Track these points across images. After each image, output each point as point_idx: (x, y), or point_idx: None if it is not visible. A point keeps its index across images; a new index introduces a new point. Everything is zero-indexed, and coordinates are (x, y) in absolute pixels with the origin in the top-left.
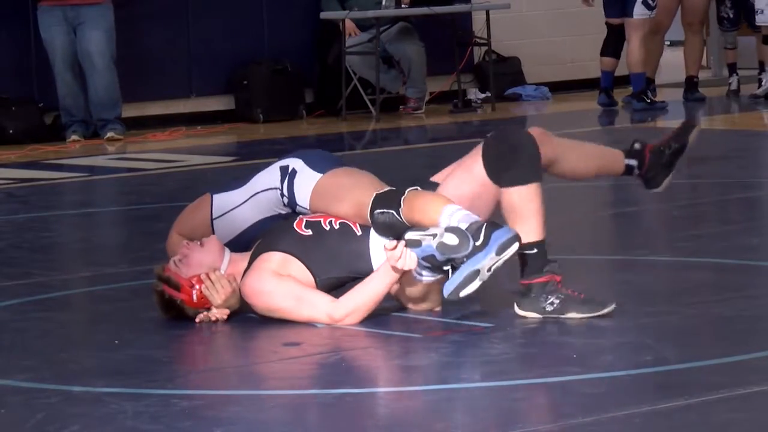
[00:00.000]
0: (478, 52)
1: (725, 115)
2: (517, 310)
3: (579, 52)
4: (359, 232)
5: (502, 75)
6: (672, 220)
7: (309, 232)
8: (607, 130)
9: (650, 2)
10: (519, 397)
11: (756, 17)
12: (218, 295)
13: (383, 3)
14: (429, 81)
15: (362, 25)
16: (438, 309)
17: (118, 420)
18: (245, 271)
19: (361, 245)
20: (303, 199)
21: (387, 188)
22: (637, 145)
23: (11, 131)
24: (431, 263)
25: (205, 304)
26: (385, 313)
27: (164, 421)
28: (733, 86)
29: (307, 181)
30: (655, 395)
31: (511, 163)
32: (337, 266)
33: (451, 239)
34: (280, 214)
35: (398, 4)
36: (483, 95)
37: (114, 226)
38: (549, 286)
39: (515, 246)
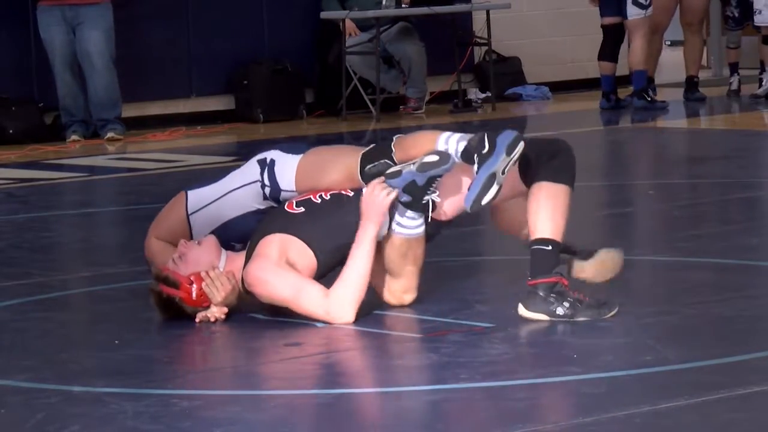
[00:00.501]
0: (479, 52)
1: (726, 114)
2: (523, 312)
3: (579, 52)
4: (351, 194)
5: (503, 75)
6: (672, 220)
7: (301, 209)
8: (608, 130)
9: (642, 1)
10: (519, 398)
11: (755, 17)
12: (218, 292)
13: (383, 3)
14: (429, 81)
15: (362, 25)
16: (411, 298)
17: (118, 420)
18: (245, 264)
19: (355, 205)
20: (288, 183)
21: (370, 147)
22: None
23: (11, 131)
24: (412, 193)
25: (204, 302)
26: (385, 314)
27: (164, 421)
28: (734, 86)
29: (288, 165)
30: (656, 395)
31: (548, 160)
32: (335, 235)
33: (431, 157)
34: (258, 209)
35: (398, 4)
36: (483, 95)
37: (114, 226)
38: (557, 288)
39: (522, 144)
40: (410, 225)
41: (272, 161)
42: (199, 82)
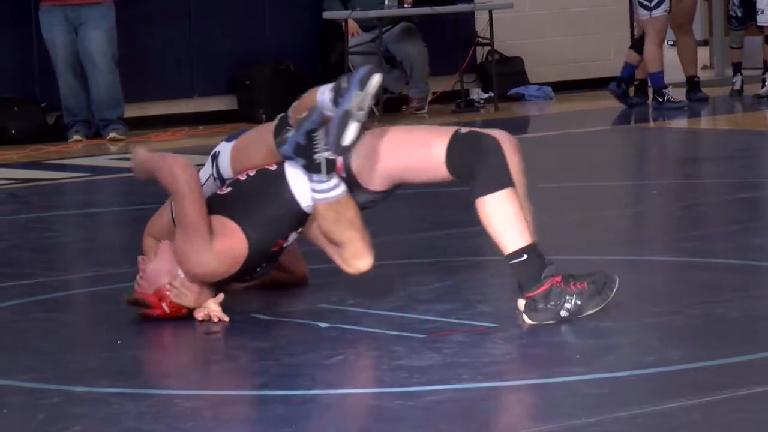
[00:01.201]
0: (481, 52)
1: (728, 115)
2: (528, 321)
3: (582, 52)
4: (274, 167)
5: (505, 75)
6: (676, 220)
7: (229, 189)
8: (610, 130)
9: (645, 3)
10: (522, 398)
11: (757, 17)
12: (188, 298)
13: (386, 3)
14: (432, 81)
15: (365, 25)
16: (366, 263)
17: (120, 420)
18: None
19: (279, 177)
20: (226, 170)
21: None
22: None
23: (13, 131)
24: (303, 155)
25: (181, 311)
26: (388, 314)
27: (167, 421)
28: (737, 86)
29: (226, 152)
30: (659, 395)
31: (477, 171)
32: (261, 207)
33: (303, 114)
34: None
35: (401, 4)
36: (486, 95)
37: (116, 226)
38: (554, 291)
39: (377, 76)
40: (323, 188)
41: (217, 153)
42: (201, 82)
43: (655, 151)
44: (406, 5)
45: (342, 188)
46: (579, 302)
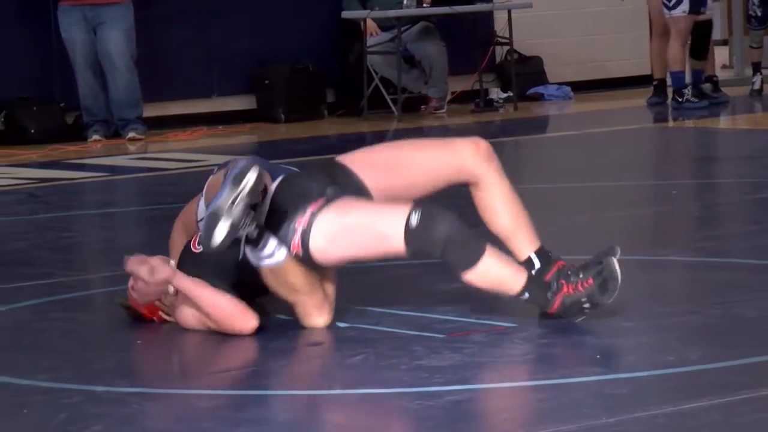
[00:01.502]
0: (500, 52)
1: (748, 114)
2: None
3: (601, 52)
4: None
5: (524, 74)
6: (694, 220)
7: (200, 248)
8: (629, 130)
9: (666, 2)
10: (541, 398)
11: None
12: (178, 317)
13: (404, 2)
14: (451, 80)
15: (383, 24)
16: (319, 322)
17: (140, 420)
18: None
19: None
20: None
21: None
22: (551, 254)
23: (32, 131)
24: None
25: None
26: (407, 314)
27: (186, 421)
28: (756, 86)
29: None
30: (679, 396)
31: (447, 256)
32: (226, 273)
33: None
34: None
35: (419, 4)
36: (505, 95)
37: (135, 226)
38: (566, 303)
39: (253, 174)
40: (260, 255)
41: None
42: (220, 81)
43: (674, 150)
44: (425, 5)
45: (281, 257)
46: (593, 296)
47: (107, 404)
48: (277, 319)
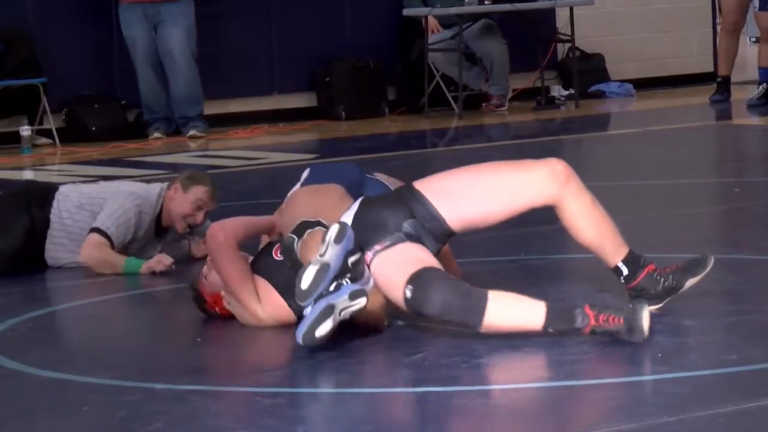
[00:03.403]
0: (562, 49)
1: None
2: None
3: (663, 49)
4: None
5: (586, 72)
6: (758, 218)
7: (281, 258)
8: (691, 128)
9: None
10: (603, 396)
11: None
12: (238, 312)
13: (466, 0)
14: (512, 78)
15: (445, 22)
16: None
17: (200, 418)
18: None
19: None
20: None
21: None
22: (642, 260)
23: (94, 129)
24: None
25: (231, 315)
26: None
27: (247, 419)
28: None
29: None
30: (740, 395)
31: (452, 322)
32: (291, 291)
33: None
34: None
35: (481, 1)
36: (566, 92)
37: None
38: (598, 330)
39: (363, 300)
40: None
41: None
42: (281, 79)
43: (737, 148)
44: (486, 2)
45: (367, 286)
46: (677, 278)
47: (167, 402)
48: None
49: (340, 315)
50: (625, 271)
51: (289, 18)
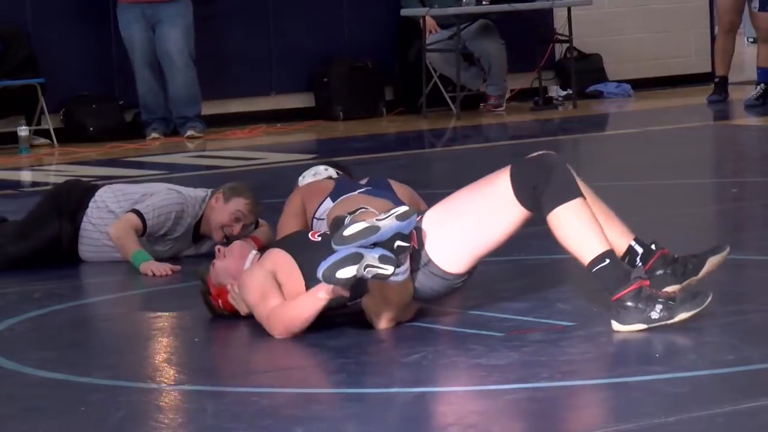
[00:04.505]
0: (560, 49)
1: None
2: (618, 327)
3: (662, 49)
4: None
5: (584, 72)
6: (755, 218)
7: (319, 239)
8: (688, 128)
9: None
10: (600, 397)
11: None
12: (241, 307)
13: (463, 0)
14: (510, 78)
15: (443, 22)
16: (380, 325)
17: (198, 418)
18: None
19: None
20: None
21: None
22: (653, 246)
23: (91, 129)
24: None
25: (233, 311)
26: (466, 312)
27: (244, 419)
28: None
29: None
30: (739, 395)
31: (544, 187)
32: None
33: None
34: None
35: (479, 1)
36: (564, 92)
37: None
38: (644, 293)
39: (390, 268)
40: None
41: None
42: (279, 79)
43: (735, 148)
44: (484, 2)
45: (401, 276)
46: (669, 308)
47: (165, 402)
48: (334, 319)
49: (364, 270)
50: (640, 250)
51: (287, 18)
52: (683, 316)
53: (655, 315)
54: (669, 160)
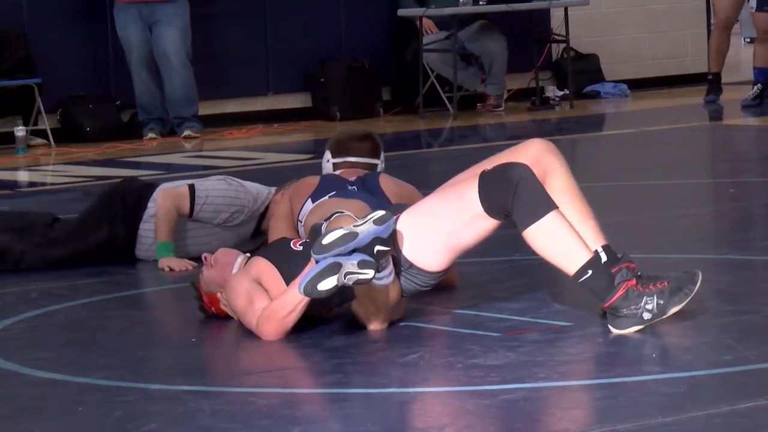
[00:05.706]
0: (557, 49)
1: None
2: (616, 331)
3: (658, 49)
4: None
5: (581, 72)
6: (752, 218)
7: (301, 249)
8: (685, 128)
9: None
10: (597, 397)
11: None
12: (233, 312)
13: (461, 0)
14: (507, 78)
15: (439, 22)
16: (372, 327)
17: (195, 418)
18: None
19: None
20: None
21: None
22: (620, 256)
23: (88, 129)
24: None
25: (228, 317)
26: (463, 312)
27: (241, 419)
28: None
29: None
30: (736, 395)
31: (513, 205)
32: None
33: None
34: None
35: (476, 2)
36: (561, 93)
37: None
38: (630, 295)
39: (370, 272)
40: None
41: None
42: (276, 79)
43: (732, 148)
44: (481, 2)
45: (387, 280)
46: (661, 301)
47: (162, 402)
48: (329, 319)
49: (345, 278)
50: (604, 258)
51: (284, 18)
52: (675, 309)
53: (647, 315)
54: (666, 160)
